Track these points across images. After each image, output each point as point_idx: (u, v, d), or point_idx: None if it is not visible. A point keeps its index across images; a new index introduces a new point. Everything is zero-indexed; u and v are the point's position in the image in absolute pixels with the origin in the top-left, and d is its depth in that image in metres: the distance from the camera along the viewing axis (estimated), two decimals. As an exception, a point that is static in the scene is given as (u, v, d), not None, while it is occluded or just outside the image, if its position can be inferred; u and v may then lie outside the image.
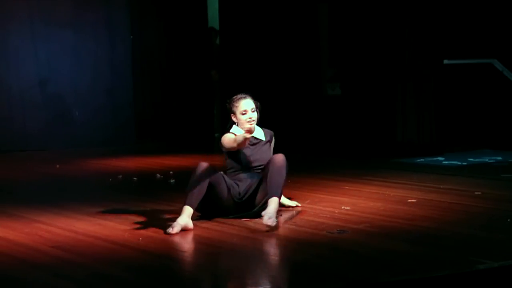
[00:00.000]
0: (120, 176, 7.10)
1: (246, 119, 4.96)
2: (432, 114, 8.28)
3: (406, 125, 8.22)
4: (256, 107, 5.04)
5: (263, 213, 4.65)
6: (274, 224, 4.57)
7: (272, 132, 5.24)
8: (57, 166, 8.03)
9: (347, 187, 6.13)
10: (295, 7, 9.32)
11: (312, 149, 8.75)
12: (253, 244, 4.40)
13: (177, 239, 4.52)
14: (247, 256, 4.20)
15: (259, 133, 5.13)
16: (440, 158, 7.87)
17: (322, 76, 9.13)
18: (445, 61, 8.48)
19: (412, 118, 8.22)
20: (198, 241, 4.44)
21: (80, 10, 9.98)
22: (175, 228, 4.58)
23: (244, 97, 5.02)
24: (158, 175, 7.07)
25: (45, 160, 8.62)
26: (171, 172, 7.11)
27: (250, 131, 4.67)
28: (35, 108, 9.81)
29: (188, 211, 4.70)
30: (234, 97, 5.04)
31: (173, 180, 6.76)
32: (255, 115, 5.01)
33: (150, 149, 9.61)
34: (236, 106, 4.99)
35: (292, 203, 5.33)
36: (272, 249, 4.34)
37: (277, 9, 9.52)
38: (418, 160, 7.80)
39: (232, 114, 5.02)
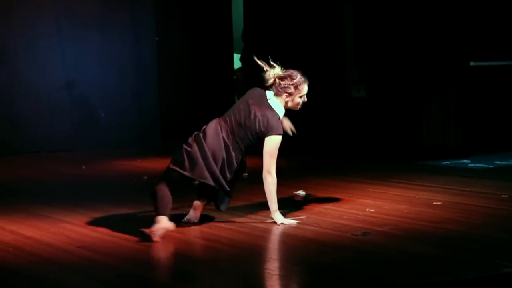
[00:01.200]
0: (146, 177, 7.14)
1: (301, 102, 4.87)
2: (457, 116, 8.22)
3: (432, 127, 8.18)
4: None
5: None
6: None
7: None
8: (83, 167, 8.10)
9: (371, 189, 6.11)
10: (320, 8, 9.30)
11: (336, 151, 8.73)
12: (277, 245, 4.40)
13: (200, 240, 4.53)
14: (270, 258, 4.21)
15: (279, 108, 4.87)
16: (466, 161, 7.82)
17: (346, 78, 9.10)
18: (472, 63, 8.42)
19: (437, 120, 8.17)
20: (222, 242, 4.46)
21: (106, 12, 10.06)
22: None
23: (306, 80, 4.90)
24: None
25: (72, 161, 8.69)
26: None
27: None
28: (62, 109, 9.89)
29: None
30: (298, 77, 4.85)
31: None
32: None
33: (175, 150, 9.63)
34: (300, 89, 4.84)
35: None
36: (295, 251, 4.34)
37: (301, 11, 9.51)
38: (444, 163, 7.75)
39: (287, 94, 4.81)
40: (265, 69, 4.86)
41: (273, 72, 4.87)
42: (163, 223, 4.47)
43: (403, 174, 6.97)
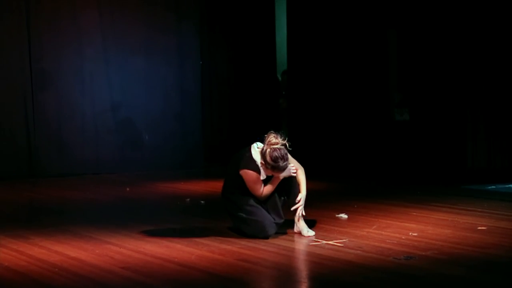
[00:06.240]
0: (188, 200, 7.20)
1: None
2: (503, 140, 8.12)
3: (477, 151, 8.09)
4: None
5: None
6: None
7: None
8: (128, 189, 8.20)
9: (414, 213, 6.06)
10: (364, 33, 9.32)
11: (380, 175, 8.68)
12: (318, 268, 4.39)
13: (241, 262, 4.55)
14: (311, 281, 4.20)
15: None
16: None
17: (390, 101, 9.08)
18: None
19: (482, 144, 8.08)
20: (262, 264, 4.47)
21: (151, 37, 10.23)
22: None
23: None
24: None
25: (116, 183, 8.80)
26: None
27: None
28: (107, 132, 10.05)
29: None
30: (279, 164, 5.01)
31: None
32: None
33: (218, 173, 9.69)
34: (274, 172, 5.08)
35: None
36: (336, 274, 4.32)
37: (346, 35, 9.54)
38: (489, 187, 7.64)
39: (262, 163, 5.06)
40: (271, 134, 5.06)
41: (274, 141, 5.04)
42: None
43: (447, 198, 6.89)
